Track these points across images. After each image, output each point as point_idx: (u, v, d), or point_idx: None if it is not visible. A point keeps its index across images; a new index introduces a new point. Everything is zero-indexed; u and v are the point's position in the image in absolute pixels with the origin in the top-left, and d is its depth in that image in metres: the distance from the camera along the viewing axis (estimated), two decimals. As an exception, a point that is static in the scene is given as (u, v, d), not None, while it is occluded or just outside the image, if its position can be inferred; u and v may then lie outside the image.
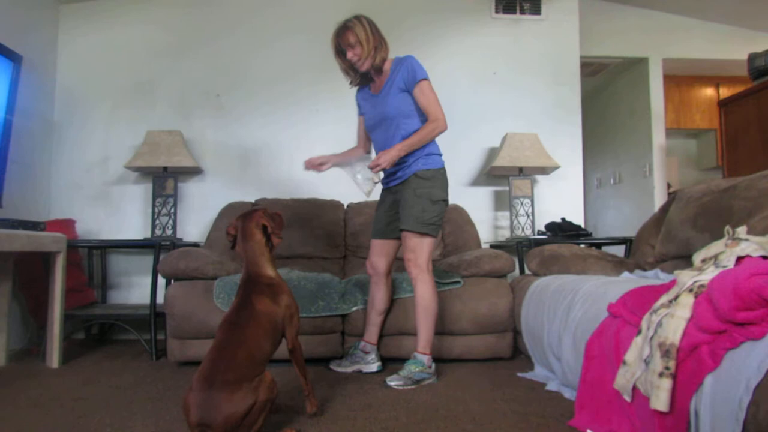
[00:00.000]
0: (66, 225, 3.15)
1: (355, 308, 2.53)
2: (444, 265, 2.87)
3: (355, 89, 2.43)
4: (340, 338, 2.56)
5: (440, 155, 2.26)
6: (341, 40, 2.17)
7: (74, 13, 3.54)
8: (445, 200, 2.22)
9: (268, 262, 1.69)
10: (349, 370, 2.36)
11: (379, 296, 2.40)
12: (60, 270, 2.57)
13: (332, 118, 3.55)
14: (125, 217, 3.49)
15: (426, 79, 2.14)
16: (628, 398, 1.40)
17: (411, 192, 2.15)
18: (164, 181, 3.27)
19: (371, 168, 2.14)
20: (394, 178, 2.27)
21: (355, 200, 3.37)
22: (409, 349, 2.28)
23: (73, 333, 3.25)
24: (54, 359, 2.54)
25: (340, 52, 2.22)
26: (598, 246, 3.37)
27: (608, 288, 1.86)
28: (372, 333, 2.41)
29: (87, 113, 3.51)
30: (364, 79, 2.32)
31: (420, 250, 2.14)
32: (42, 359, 2.62)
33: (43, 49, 3.37)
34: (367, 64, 2.18)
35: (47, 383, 2.23)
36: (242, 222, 1.71)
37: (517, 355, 2.67)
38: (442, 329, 2.51)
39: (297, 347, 1.68)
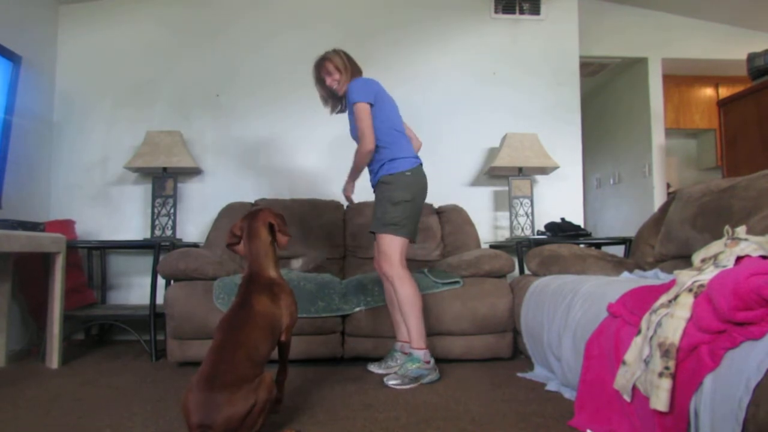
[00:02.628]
0: (65, 226, 3.15)
1: (357, 309, 2.53)
2: (444, 265, 2.87)
3: None
4: (340, 339, 2.56)
5: (406, 158, 2.30)
6: (321, 69, 2.42)
7: (73, 13, 3.54)
8: (408, 200, 2.25)
9: (271, 263, 1.69)
10: (384, 371, 2.32)
11: (390, 293, 2.39)
12: (59, 270, 2.57)
13: (332, 118, 3.54)
14: (125, 217, 3.49)
15: (357, 102, 2.25)
16: (627, 398, 1.40)
17: (377, 196, 2.35)
18: (164, 182, 3.27)
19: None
20: (372, 183, 2.45)
21: (355, 201, 3.36)
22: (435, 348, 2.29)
23: (72, 334, 3.25)
24: (54, 360, 2.54)
25: (319, 80, 2.46)
26: (598, 246, 3.37)
27: (608, 288, 1.86)
28: (403, 331, 2.38)
29: (86, 114, 3.51)
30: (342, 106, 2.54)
31: (389, 248, 2.23)
32: (42, 360, 2.61)
33: (42, 49, 3.37)
34: (345, 88, 2.37)
35: (47, 384, 2.23)
36: (249, 221, 1.70)
37: (517, 355, 2.67)
38: (441, 329, 2.51)
39: (288, 342, 1.70)
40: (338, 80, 2.39)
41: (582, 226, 3.44)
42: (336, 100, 2.52)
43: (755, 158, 3.25)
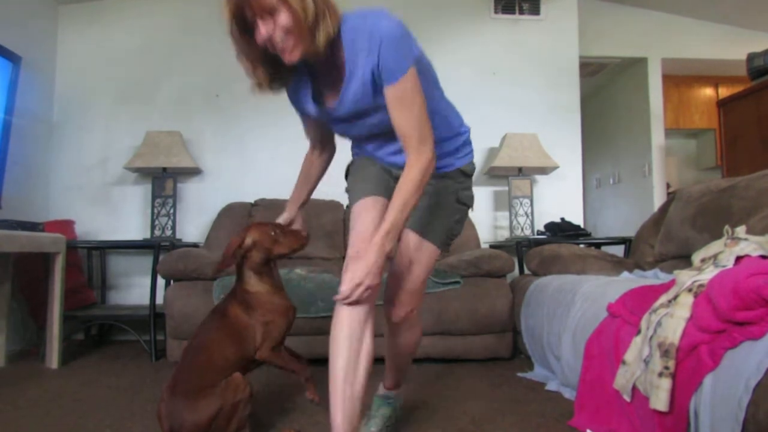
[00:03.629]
0: (65, 226, 3.15)
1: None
2: (443, 265, 2.87)
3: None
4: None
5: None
6: (252, 3, 1.11)
7: (73, 13, 3.54)
8: None
9: (253, 276, 1.56)
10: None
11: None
12: (59, 271, 2.57)
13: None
14: (124, 217, 3.49)
15: (404, 71, 1.18)
16: (627, 398, 1.41)
17: (452, 195, 1.47)
18: (163, 182, 3.27)
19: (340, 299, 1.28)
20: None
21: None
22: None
23: (72, 334, 3.24)
24: (53, 360, 2.54)
25: (243, 29, 1.17)
26: (598, 246, 3.37)
27: (608, 288, 1.87)
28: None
29: (86, 114, 3.50)
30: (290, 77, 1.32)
31: (428, 273, 1.50)
32: (41, 360, 2.61)
33: (41, 49, 3.36)
34: (301, 49, 1.15)
35: (47, 384, 2.23)
36: (236, 241, 1.56)
37: (517, 355, 2.67)
38: (441, 329, 2.51)
39: (272, 358, 1.54)
40: (289, 28, 1.12)
41: (582, 226, 3.45)
42: (278, 68, 1.25)
43: (755, 158, 3.25)
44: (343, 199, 3.39)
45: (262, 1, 1.10)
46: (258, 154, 3.58)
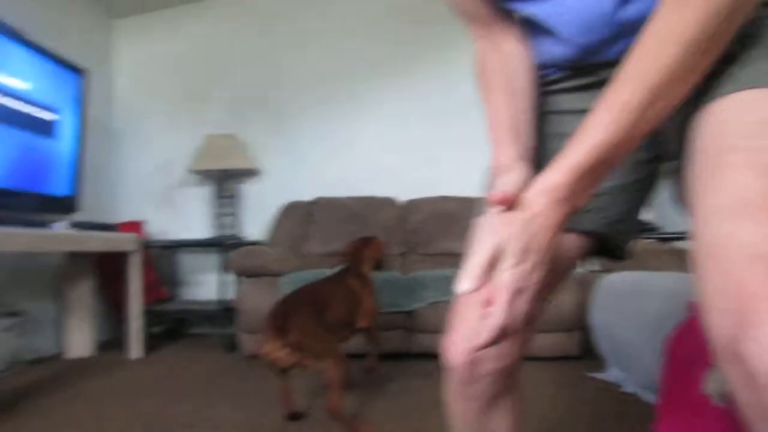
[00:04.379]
0: (136, 226, 3.32)
1: (419, 305, 2.54)
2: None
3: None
4: (405, 334, 2.58)
5: None
6: None
7: (126, 26, 3.75)
8: None
9: (366, 265, 2.10)
10: None
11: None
12: (136, 268, 2.71)
13: (385, 116, 3.56)
14: (189, 217, 3.64)
15: None
16: (719, 403, 1.33)
17: None
18: (224, 183, 3.38)
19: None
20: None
21: (414, 196, 3.37)
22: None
23: (150, 327, 3.42)
24: (136, 351, 2.69)
25: None
26: (670, 241, 3.21)
27: (686, 284, 1.77)
28: None
29: (146, 120, 3.69)
30: None
31: None
32: (125, 351, 2.77)
33: (98, 61, 3.55)
34: None
35: (132, 373, 2.38)
36: (361, 244, 2.16)
37: (588, 354, 2.59)
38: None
39: (370, 328, 1.99)
40: None
41: (652, 221, 3.29)
42: None
43: None
44: (398, 196, 3.42)
45: None
46: (311, 153, 3.62)
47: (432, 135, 3.45)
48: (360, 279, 2.00)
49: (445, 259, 2.97)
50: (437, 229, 3.08)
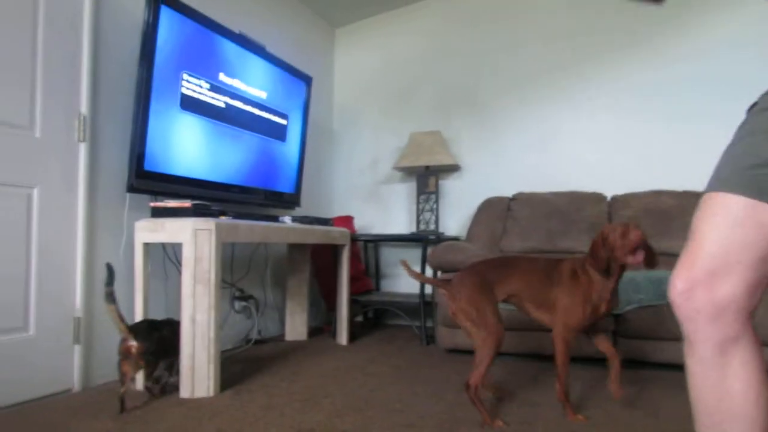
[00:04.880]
0: (347, 221, 3.61)
1: (628, 307, 2.27)
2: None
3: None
4: (612, 338, 2.31)
5: None
6: None
7: (346, 33, 4.07)
8: None
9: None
10: None
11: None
12: (346, 260, 2.94)
13: (586, 113, 3.28)
14: (392, 213, 3.83)
15: None
16: None
17: None
18: (426, 179, 3.46)
19: None
20: None
21: (620, 191, 3.04)
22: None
23: (354, 316, 3.70)
24: (343, 338, 2.92)
25: None
26: None
27: None
28: None
29: (358, 120, 3.97)
30: None
31: None
32: (332, 337, 3.03)
33: (322, 69, 3.93)
34: None
35: (340, 358, 2.56)
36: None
37: None
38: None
39: (559, 337, 1.72)
40: None
41: None
42: None
43: None
44: (606, 191, 3.09)
45: None
46: (512, 150, 3.50)
47: (646, 130, 3.12)
48: (572, 272, 1.72)
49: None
50: (649, 226, 2.69)
